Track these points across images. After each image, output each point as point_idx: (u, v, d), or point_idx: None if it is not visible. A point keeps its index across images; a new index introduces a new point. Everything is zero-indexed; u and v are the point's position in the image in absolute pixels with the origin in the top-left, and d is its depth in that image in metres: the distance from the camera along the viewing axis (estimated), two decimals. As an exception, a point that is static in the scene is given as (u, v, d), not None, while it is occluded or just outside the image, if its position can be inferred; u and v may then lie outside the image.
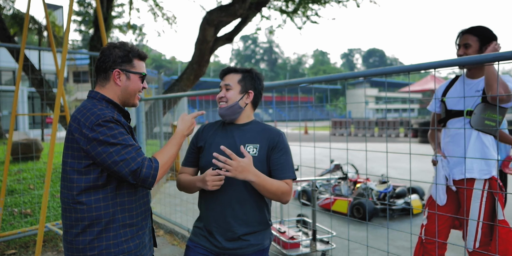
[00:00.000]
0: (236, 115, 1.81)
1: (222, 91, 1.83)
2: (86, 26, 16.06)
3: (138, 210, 1.60)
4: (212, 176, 1.65)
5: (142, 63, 1.68)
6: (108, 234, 1.51)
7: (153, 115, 6.25)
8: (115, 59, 1.60)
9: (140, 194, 1.63)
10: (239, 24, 7.00)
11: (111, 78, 1.61)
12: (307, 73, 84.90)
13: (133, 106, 1.68)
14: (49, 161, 3.31)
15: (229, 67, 1.89)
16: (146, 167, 1.47)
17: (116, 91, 1.62)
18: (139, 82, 1.65)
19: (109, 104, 1.60)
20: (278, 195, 1.69)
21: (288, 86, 3.02)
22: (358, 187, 5.45)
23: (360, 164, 8.63)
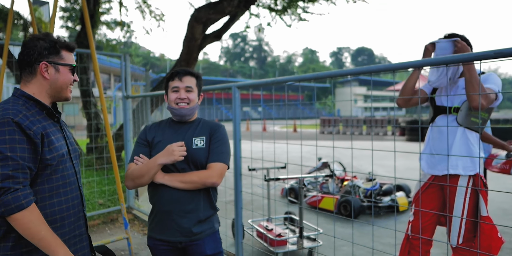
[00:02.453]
0: (192, 115, 2.02)
1: (182, 92, 1.95)
2: (72, 23, 15.83)
3: (48, 218, 1.45)
4: (179, 147, 1.82)
5: (71, 54, 1.59)
6: (7, 244, 1.40)
7: (140, 112, 6.21)
8: (40, 51, 1.49)
9: (53, 200, 1.48)
10: (228, 22, 6.98)
11: (38, 72, 1.50)
12: (297, 71, 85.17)
13: (66, 100, 1.60)
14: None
15: (186, 69, 2.01)
16: (12, 196, 1.31)
17: (44, 85, 1.52)
18: (69, 74, 1.56)
19: (29, 101, 1.49)
20: (198, 182, 1.86)
21: (276, 84, 3.03)
22: (346, 184, 5.50)
23: (347, 162, 8.69)
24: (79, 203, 1.59)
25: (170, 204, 1.89)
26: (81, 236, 1.61)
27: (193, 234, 1.91)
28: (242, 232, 3.36)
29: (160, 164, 1.84)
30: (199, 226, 1.92)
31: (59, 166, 1.49)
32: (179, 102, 1.95)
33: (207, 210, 1.95)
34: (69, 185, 1.54)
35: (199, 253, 1.93)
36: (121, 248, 4.07)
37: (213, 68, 77.88)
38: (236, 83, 3.28)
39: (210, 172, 1.87)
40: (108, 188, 5.76)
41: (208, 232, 1.96)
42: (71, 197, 1.54)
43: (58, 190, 1.49)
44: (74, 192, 1.57)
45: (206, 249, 1.94)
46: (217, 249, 1.98)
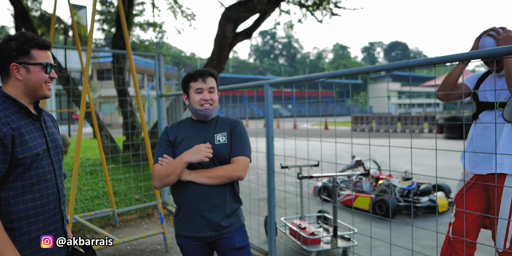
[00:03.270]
0: (215, 114, 2.07)
1: (206, 94, 1.99)
2: (108, 25, 16.34)
3: (22, 214, 1.48)
4: (206, 148, 1.88)
5: (44, 52, 1.57)
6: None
7: (174, 111, 6.32)
8: (9, 52, 1.50)
9: (27, 197, 1.50)
10: (258, 19, 6.98)
11: (10, 73, 1.52)
12: (327, 68, 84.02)
13: (44, 97, 1.60)
14: (76, 155, 3.40)
15: (207, 70, 2.04)
16: None
17: (19, 86, 1.53)
18: (41, 73, 1.55)
19: (7, 101, 1.51)
20: (225, 177, 1.91)
21: (309, 81, 2.99)
22: (381, 183, 5.37)
23: (382, 161, 8.50)
24: (55, 199, 1.60)
25: (198, 200, 1.92)
26: (57, 231, 1.62)
27: (222, 228, 1.95)
28: (275, 229, 3.36)
29: (186, 162, 1.87)
30: (227, 220, 1.96)
31: (33, 164, 1.50)
32: (204, 103, 1.98)
33: (233, 204, 1.99)
34: (44, 182, 1.55)
35: (229, 246, 1.97)
36: (157, 242, 4.17)
37: (242, 66, 78.20)
38: (268, 80, 3.27)
39: (235, 166, 1.92)
40: (143, 184, 5.91)
41: (237, 225, 2.00)
42: (46, 194, 1.55)
43: (32, 187, 1.50)
44: (51, 188, 1.58)
45: (236, 242, 1.97)
46: (245, 243, 2.01)
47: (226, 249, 1.97)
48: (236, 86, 3.48)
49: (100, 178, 6.10)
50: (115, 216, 4.77)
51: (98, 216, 4.77)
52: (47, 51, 1.59)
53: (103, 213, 4.75)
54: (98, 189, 5.74)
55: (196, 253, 2.01)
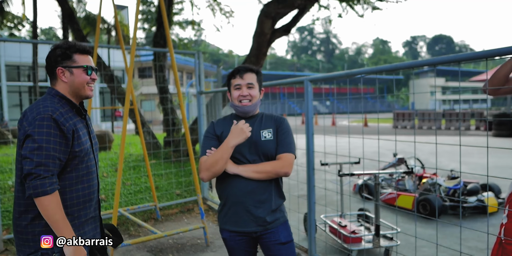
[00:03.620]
0: (255, 111, 2.07)
1: (243, 89, 1.99)
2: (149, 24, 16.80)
3: (74, 201, 1.68)
4: (244, 125, 1.91)
5: (85, 56, 1.74)
6: (41, 221, 1.62)
7: (213, 107, 6.40)
8: (55, 58, 1.70)
9: (79, 186, 1.69)
10: (297, 15, 6.90)
11: (58, 76, 1.71)
12: (367, 63, 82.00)
13: (87, 97, 1.76)
14: (121, 151, 3.52)
15: (247, 66, 2.05)
16: (41, 182, 1.52)
17: (65, 87, 1.72)
18: (83, 75, 1.72)
19: (62, 100, 1.70)
20: (272, 172, 1.92)
21: (350, 76, 2.93)
22: (425, 182, 5.18)
23: (425, 159, 8.19)
24: (97, 190, 1.81)
25: (244, 195, 1.94)
26: (96, 217, 1.82)
27: (268, 223, 1.96)
28: (315, 227, 3.32)
29: (233, 146, 1.89)
30: (272, 215, 1.98)
31: (84, 157, 1.71)
32: (242, 99, 2.00)
33: (277, 200, 2.01)
34: (91, 174, 1.75)
35: (274, 241, 1.98)
36: (197, 237, 4.25)
37: (280, 62, 77.90)
38: (308, 76, 3.23)
39: (282, 162, 1.93)
40: (184, 180, 6.05)
41: (281, 220, 2.02)
42: (92, 184, 1.76)
43: (82, 178, 1.71)
44: (95, 180, 1.79)
45: (281, 237, 1.99)
46: (289, 237, 2.03)
47: (271, 243, 1.99)
48: (276, 82, 3.47)
49: (143, 173, 6.30)
50: (157, 210, 4.92)
51: (141, 210, 4.93)
52: (88, 55, 1.76)
53: (146, 207, 4.91)
54: (141, 183, 5.93)
55: (241, 247, 2.03)
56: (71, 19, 7.60)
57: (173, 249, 3.94)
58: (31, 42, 5.27)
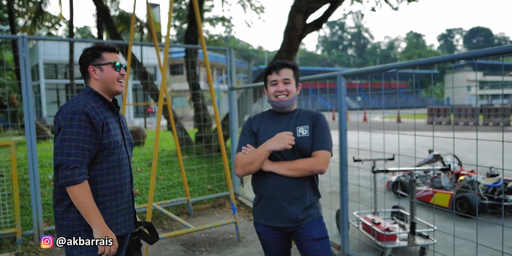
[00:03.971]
0: (292, 106, 2.06)
1: (280, 85, 2.00)
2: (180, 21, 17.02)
3: (106, 191, 1.77)
4: (288, 135, 1.89)
5: (113, 54, 1.85)
6: (74, 209, 1.71)
7: (244, 103, 6.43)
8: (86, 58, 1.83)
9: (110, 177, 1.77)
10: (328, 10, 6.80)
11: (90, 74, 1.83)
12: (400, 57, 79.82)
13: (118, 93, 1.86)
14: (155, 146, 3.60)
15: (282, 61, 2.05)
16: (71, 172, 1.62)
17: (97, 84, 1.84)
18: (112, 71, 1.83)
19: (95, 96, 1.83)
20: (306, 169, 1.91)
21: (385, 71, 2.87)
22: (462, 179, 5.00)
23: (462, 155, 7.92)
24: (129, 182, 1.89)
25: (278, 191, 1.95)
26: (129, 209, 1.89)
27: (300, 220, 1.96)
28: (348, 224, 3.29)
29: (270, 150, 1.90)
30: (306, 212, 1.97)
31: (115, 150, 1.79)
32: (278, 95, 2.00)
33: (312, 197, 2.00)
34: (122, 166, 1.83)
35: (307, 237, 1.98)
36: (229, 232, 4.30)
37: (310, 58, 77.11)
38: (342, 71, 3.19)
39: (317, 159, 1.91)
40: (215, 175, 6.12)
41: (315, 217, 2.00)
42: (123, 176, 1.84)
43: (113, 169, 1.79)
44: (127, 172, 1.87)
45: (314, 233, 1.98)
46: (323, 234, 2.01)
47: (304, 239, 1.99)
48: (308, 77, 3.44)
49: (175, 168, 6.42)
50: (190, 205, 5.01)
51: (173, 204, 5.04)
52: (115, 53, 1.88)
53: (179, 202, 5.01)
54: (173, 178, 6.06)
55: (275, 242, 2.05)
56: (105, 17, 7.83)
57: (206, 243, 4.01)
58: (68, 40, 5.48)
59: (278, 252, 2.08)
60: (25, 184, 5.22)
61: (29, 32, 14.99)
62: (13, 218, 3.95)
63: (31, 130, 3.86)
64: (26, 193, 4.92)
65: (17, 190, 3.87)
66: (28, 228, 4.10)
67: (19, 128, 12.13)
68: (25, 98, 3.83)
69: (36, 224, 3.93)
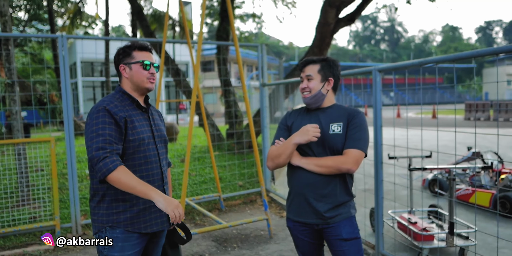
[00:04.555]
0: (320, 102, 2.00)
1: (304, 82, 2.01)
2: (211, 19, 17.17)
3: None
4: (313, 128, 1.87)
5: (144, 52, 1.86)
6: (103, 205, 1.77)
7: (276, 99, 6.40)
8: (118, 57, 1.87)
9: (136, 174, 1.74)
10: (362, 4, 6.64)
11: (121, 73, 1.86)
12: (435, 51, 77.08)
13: (148, 90, 1.87)
14: (188, 143, 3.64)
15: (307, 58, 2.04)
16: (103, 163, 1.63)
17: (128, 82, 1.86)
18: (141, 70, 1.83)
19: (124, 95, 1.85)
20: (333, 167, 1.87)
21: (423, 65, 2.77)
22: (503, 178, 4.77)
23: (503, 153, 7.57)
24: (159, 179, 1.87)
25: (306, 187, 1.94)
26: (155, 206, 1.83)
27: (328, 218, 1.93)
28: (382, 222, 3.21)
29: (295, 143, 1.90)
30: (334, 211, 1.94)
31: (141, 147, 1.79)
32: (303, 92, 2.01)
33: (342, 196, 1.95)
34: (150, 163, 1.83)
35: (335, 236, 1.94)
36: (260, 228, 4.31)
37: (341, 53, 75.82)
38: (377, 66, 3.10)
39: (346, 158, 1.87)
40: (247, 171, 6.15)
41: (344, 216, 1.96)
42: (152, 174, 1.83)
43: (140, 167, 1.80)
44: (156, 170, 1.85)
45: (343, 233, 1.93)
46: (353, 234, 1.96)
47: (332, 239, 1.96)
48: (343, 73, 3.36)
49: (207, 164, 6.50)
50: (221, 200, 5.05)
51: (205, 200, 5.10)
52: (146, 51, 1.88)
53: (210, 198, 5.06)
54: (205, 174, 6.13)
55: (305, 238, 2.03)
56: (140, 16, 7.99)
57: (237, 239, 4.03)
58: (104, 39, 5.66)
59: (309, 249, 2.06)
60: (64, 179, 5.43)
61: (67, 31, 15.57)
62: (52, 211, 4.12)
63: (69, 126, 4.00)
64: (64, 187, 5.12)
65: (56, 184, 4.03)
66: (67, 221, 4.26)
67: (58, 124, 12.65)
68: (64, 95, 3.96)
69: (74, 217, 4.08)
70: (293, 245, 2.15)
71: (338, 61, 2.08)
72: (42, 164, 4.30)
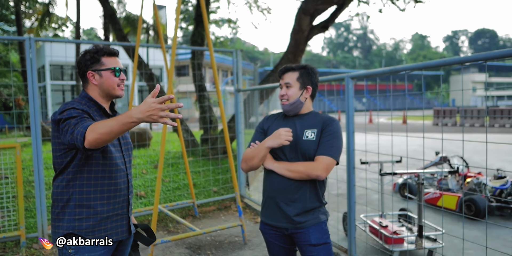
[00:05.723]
0: (298, 110, 2.04)
1: (283, 89, 2.04)
2: (186, 23, 17.08)
3: (98, 195, 1.73)
4: (285, 132, 1.89)
5: (113, 58, 1.80)
6: (67, 210, 1.72)
7: (249, 105, 6.42)
8: (85, 63, 1.78)
9: (104, 181, 1.73)
10: (335, 11, 6.79)
11: (88, 80, 1.79)
12: (405, 59, 79.50)
13: (118, 97, 1.82)
14: (162, 148, 3.60)
15: (287, 66, 2.08)
16: (79, 130, 1.52)
17: (96, 89, 1.79)
18: (112, 77, 1.78)
19: (89, 101, 1.79)
20: (303, 172, 1.90)
21: (394, 73, 2.85)
22: (469, 182, 4.97)
23: (468, 157, 7.86)
24: (125, 188, 1.83)
25: (277, 191, 1.97)
26: (122, 215, 1.84)
27: (297, 222, 1.95)
28: (355, 226, 3.26)
29: (268, 147, 1.94)
30: (303, 216, 1.96)
31: (106, 154, 1.74)
32: (282, 99, 2.05)
33: (312, 202, 1.98)
34: (116, 172, 1.78)
35: (305, 241, 1.97)
36: (235, 234, 4.29)
37: (315, 59, 77.02)
38: (350, 73, 3.17)
39: (316, 164, 1.90)
40: (221, 177, 6.11)
41: (313, 222, 1.98)
42: (117, 182, 1.79)
43: (105, 174, 1.75)
44: (122, 178, 1.81)
45: (311, 238, 1.96)
46: (322, 240, 1.98)
47: (302, 244, 1.99)
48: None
49: (181, 170, 6.42)
50: (195, 207, 5.00)
51: (179, 206, 5.03)
52: (115, 57, 1.82)
53: (184, 204, 5.00)
54: (179, 181, 6.05)
55: (276, 242, 2.06)
56: (112, 19, 7.85)
57: (211, 246, 3.99)
58: (75, 42, 5.52)
59: (279, 253, 2.08)
60: (30, 186, 5.23)
61: (35, 33, 15.11)
62: (17, 221, 3.93)
63: (36, 131, 3.87)
64: (30, 195, 4.93)
65: (22, 192, 3.86)
66: (33, 231, 4.08)
67: (24, 130, 12.20)
68: (31, 99, 3.83)
69: (40, 227, 3.92)
70: (267, 251, 2.16)
71: (316, 69, 2.11)
72: (6, 171, 4.13)
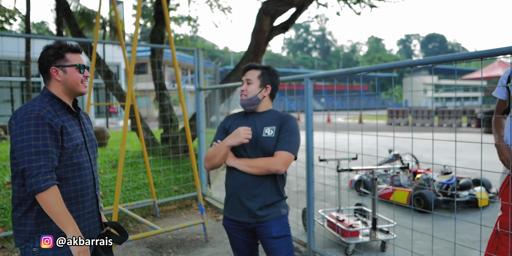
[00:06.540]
0: (255, 106, 2.12)
1: (244, 85, 2.12)
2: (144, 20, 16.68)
3: (65, 196, 1.70)
4: (244, 130, 1.97)
5: (77, 55, 1.79)
6: (32, 214, 1.68)
7: (211, 104, 6.44)
8: (48, 58, 1.74)
9: (69, 181, 1.72)
10: (295, 13, 6.95)
11: (51, 76, 1.75)
12: (361, 61, 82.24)
13: (81, 94, 1.82)
14: (122, 147, 3.55)
15: (251, 64, 2.18)
16: (35, 180, 1.56)
17: (59, 86, 1.77)
18: (76, 73, 1.77)
19: (52, 99, 1.75)
20: (263, 168, 1.98)
21: (350, 74, 2.99)
22: (419, 177, 5.28)
23: (419, 155, 8.32)
24: (92, 185, 1.83)
25: (239, 187, 2.05)
26: (93, 213, 1.85)
27: (259, 216, 2.04)
28: (313, 221, 3.40)
29: (228, 145, 2.01)
30: (265, 210, 2.04)
31: (73, 153, 1.73)
32: (241, 94, 2.13)
33: (273, 196, 2.07)
34: (83, 170, 1.78)
35: (266, 234, 2.06)
36: (196, 232, 4.31)
37: (275, 60, 77.83)
38: (309, 74, 3.29)
39: (275, 159, 1.99)
40: (182, 176, 6.09)
41: (274, 216, 2.06)
42: (84, 180, 1.79)
43: (73, 173, 1.74)
44: (88, 175, 1.82)
45: (273, 231, 2.05)
46: (283, 232, 2.07)
47: (264, 237, 2.07)
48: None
49: (140, 169, 6.33)
50: (156, 206, 4.96)
51: (139, 206, 4.96)
52: (79, 54, 1.81)
53: (144, 204, 4.94)
54: (139, 180, 5.96)
55: (238, 236, 2.13)
56: (67, 13, 7.56)
57: (173, 245, 3.99)
58: (26, 36, 5.23)
59: (242, 247, 2.16)
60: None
61: (-19, 27, 14.19)
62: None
63: (-12, 130, 3.68)
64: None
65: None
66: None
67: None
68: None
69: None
70: (229, 248, 2.23)
71: (278, 72, 2.20)
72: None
